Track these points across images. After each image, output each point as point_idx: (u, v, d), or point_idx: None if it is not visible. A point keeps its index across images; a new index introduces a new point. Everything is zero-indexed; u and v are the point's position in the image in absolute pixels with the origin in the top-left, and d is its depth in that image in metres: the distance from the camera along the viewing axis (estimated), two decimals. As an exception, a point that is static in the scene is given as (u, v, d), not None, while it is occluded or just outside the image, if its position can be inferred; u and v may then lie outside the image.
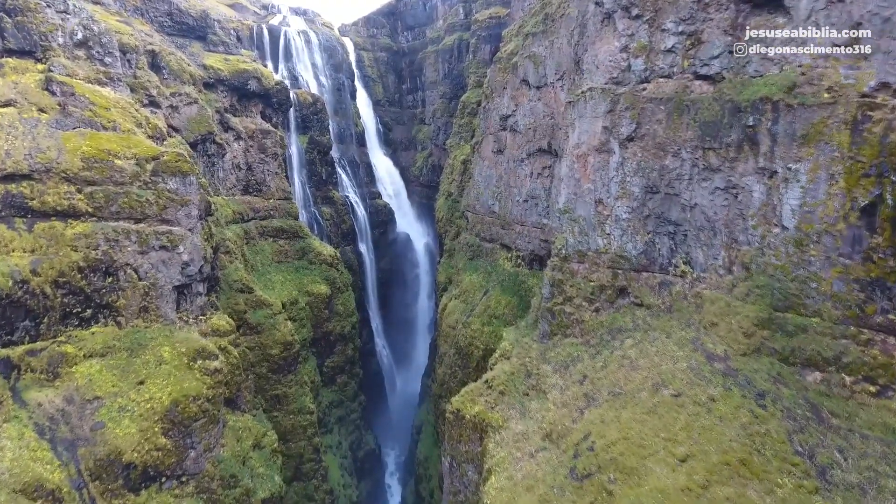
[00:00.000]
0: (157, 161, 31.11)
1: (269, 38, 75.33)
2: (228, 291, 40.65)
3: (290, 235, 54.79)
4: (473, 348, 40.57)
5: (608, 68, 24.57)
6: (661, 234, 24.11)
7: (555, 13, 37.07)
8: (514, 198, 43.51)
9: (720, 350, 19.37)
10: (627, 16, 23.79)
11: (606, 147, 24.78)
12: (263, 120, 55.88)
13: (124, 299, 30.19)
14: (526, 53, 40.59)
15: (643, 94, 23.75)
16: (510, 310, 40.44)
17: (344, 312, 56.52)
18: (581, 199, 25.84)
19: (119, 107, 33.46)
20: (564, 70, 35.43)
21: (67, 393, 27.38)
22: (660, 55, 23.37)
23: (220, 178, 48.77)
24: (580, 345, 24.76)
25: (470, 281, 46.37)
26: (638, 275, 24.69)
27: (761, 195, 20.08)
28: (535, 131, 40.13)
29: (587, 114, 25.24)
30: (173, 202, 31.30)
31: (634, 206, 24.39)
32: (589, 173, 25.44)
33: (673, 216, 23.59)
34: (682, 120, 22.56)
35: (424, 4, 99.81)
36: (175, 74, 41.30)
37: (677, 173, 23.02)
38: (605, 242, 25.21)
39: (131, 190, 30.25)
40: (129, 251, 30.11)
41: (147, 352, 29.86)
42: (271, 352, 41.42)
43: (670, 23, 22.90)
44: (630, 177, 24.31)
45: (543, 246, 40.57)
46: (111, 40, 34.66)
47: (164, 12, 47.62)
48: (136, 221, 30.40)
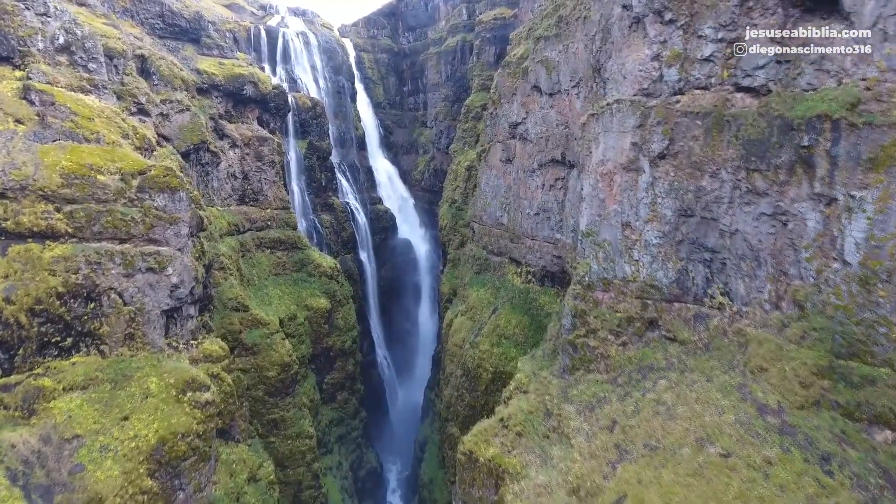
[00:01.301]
0: (143, 176, 28.81)
1: (267, 40, 73.03)
2: (222, 310, 38.36)
3: (288, 247, 52.47)
4: (482, 370, 38.29)
5: (637, 78, 22.30)
6: (696, 261, 21.88)
7: (569, 16, 34.76)
8: (524, 210, 41.22)
9: (773, 401, 17.11)
10: (659, 20, 21.52)
11: (635, 165, 22.52)
12: (260, 126, 53.54)
13: (108, 326, 27.90)
14: (537, 58, 38.29)
15: (677, 108, 21.50)
16: (521, 330, 38.18)
17: (344, 326, 54.23)
18: (606, 221, 23.57)
19: (104, 116, 31.15)
20: (581, 77, 33.14)
21: (44, 432, 25.07)
22: (696, 64, 21.12)
23: (214, 188, 46.47)
24: (606, 383, 22.50)
25: (477, 297, 44.09)
26: (669, 305, 22.45)
27: (817, 225, 17.83)
28: (547, 141, 37.84)
29: (613, 128, 22.96)
30: (161, 220, 28.99)
31: (666, 230, 22.15)
32: (615, 193, 23.18)
33: (709, 242, 21.36)
34: (723, 137, 20.31)
35: (426, 5, 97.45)
36: (166, 80, 38.95)
37: (716, 196, 20.77)
38: (632, 270, 22.96)
39: (115, 208, 27.94)
40: (113, 274, 27.80)
41: (132, 383, 27.56)
42: (268, 374, 39.15)
43: (708, 28, 20.64)
44: (661, 198, 22.06)
45: (556, 262, 38.31)
46: (95, 45, 32.35)
47: (155, 14, 45.24)
48: (120, 242, 28.10)
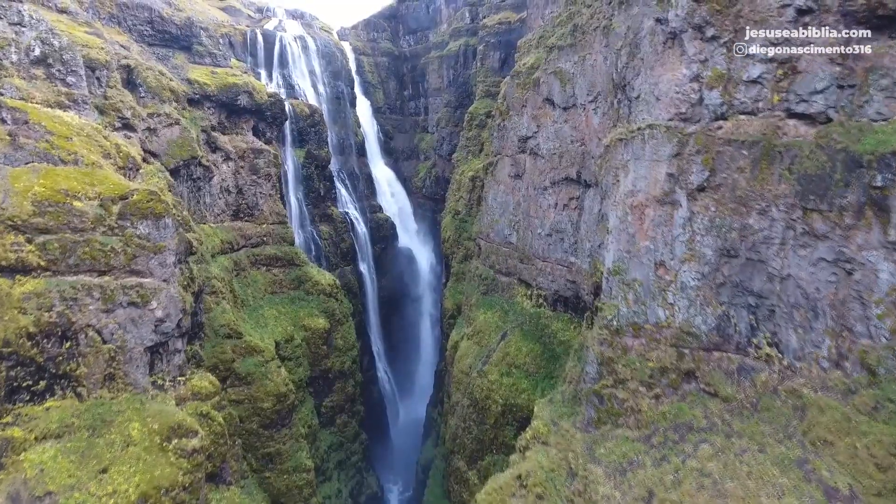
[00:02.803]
0: (125, 201, 26.37)
1: (264, 45, 70.64)
2: (214, 338, 35.92)
3: (284, 263, 50.05)
4: (491, 402, 35.91)
5: (673, 101, 19.92)
6: (739, 306, 19.52)
7: (586, 25, 32.38)
8: (534, 230, 38.85)
9: (843, 484, 14.75)
10: (700, 37, 19.14)
11: (670, 198, 20.15)
12: (256, 136, 51.11)
13: (85, 367, 25.44)
14: (550, 69, 35.91)
15: (719, 135, 19.14)
16: (532, 359, 35.81)
17: (344, 346, 51.81)
18: (636, 259, 21.19)
19: (83, 134, 28.71)
20: (599, 91, 30.78)
21: (13, 489, 22.63)
22: (741, 86, 18.75)
23: (206, 203, 44.03)
24: (638, 441, 20.13)
25: (484, 320, 41.70)
26: (708, 355, 20.08)
27: (891, 277, 15.47)
28: (560, 157, 35.47)
29: (645, 156, 20.59)
30: (144, 250, 26.57)
31: (705, 271, 19.78)
32: (647, 229, 20.80)
33: (755, 286, 18.99)
34: (773, 170, 17.94)
35: (427, 7, 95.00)
36: (153, 92, 36.48)
37: (764, 235, 18.41)
38: (667, 314, 20.58)
39: (93, 237, 25.50)
40: (91, 310, 25.37)
41: (112, 430, 25.11)
42: (263, 405, 36.71)
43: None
44: (701, 235, 19.69)
45: (570, 287, 35.94)
46: (75, 56, 29.89)
47: (143, 20, 42.76)
48: (99, 274, 25.66)
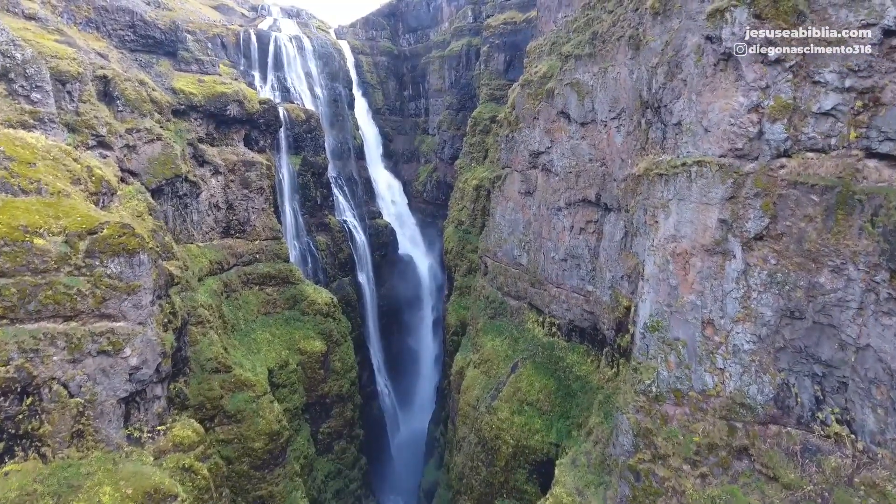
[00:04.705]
0: (93, 237, 23.39)
1: (258, 46, 67.31)
2: (200, 374, 33.05)
3: (279, 282, 47.11)
4: (501, 443, 33.13)
5: (727, 134, 16.97)
6: (802, 374, 16.70)
7: (607, 33, 29.36)
8: (547, 252, 35.94)
9: None
10: (761, 60, 16.17)
11: (722, 247, 17.25)
12: (248, 146, 48.00)
13: (50, 425, 22.58)
14: (566, 80, 32.87)
15: (782, 175, 16.22)
16: (546, 395, 33.01)
17: (342, 369, 48.98)
18: (679, 315, 18.32)
19: (49, 158, 25.71)
20: (623, 107, 27.81)
21: (-38, 572, 19.93)
22: (810, 119, 15.81)
23: (194, 221, 41.02)
24: (682, 530, 17.35)
25: (492, 347, 38.85)
26: (764, 429, 17.28)
27: None
28: (577, 177, 32.51)
29: (692, 197, 17.67)
30: (116, 291, 23.63)
31: (763, 333, 16.92)
32: (692, 281, 17.92)
33: (823, 354, 16.15)
34: (851, 221, 15.05)
35: (428, 5, 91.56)
36: (133, 105, 33.39)
37: (838, 297, 15.53)
38: (715, 381, 17.74)
39: (57, 279, 22.55)
40: (56, 361, 22.47)
41: (80, 496, 22.23)
42: (254, 445, 33.90)
43: (831, 73, 15.32)
44: (758, 292, 16.82)
45: (587, 317, 33.08)
46: (40, 69, 26.82)
47: (124, 24, 39.56)
48: (64, 321, 22.73)
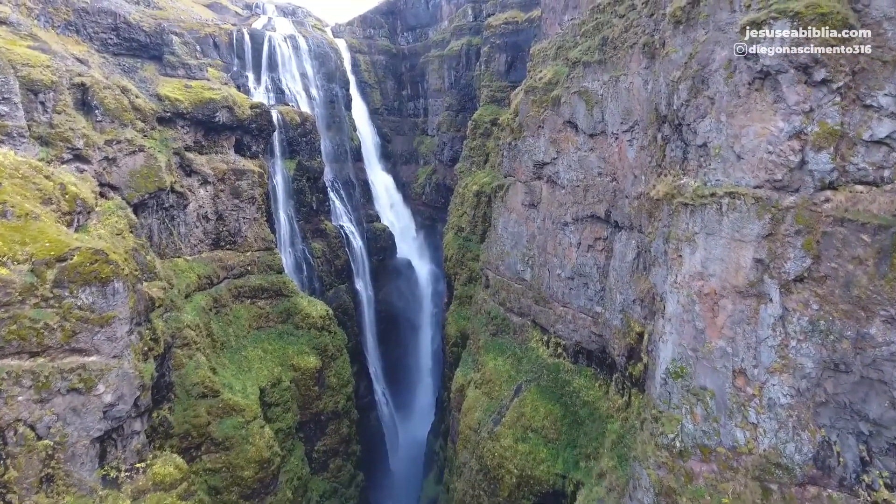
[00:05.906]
0: (62, 265, 21.48)
1: (252, 46, 65.22)
2: (186, 399, 31.21)
3: (271, 294, 45.25)
4: (504, 472, 31.38)
5: (764, 163, 15.08)
6: (846, 432, 14.90)
7: (618, 39, 27.39)
8: (553, 269, 34.07)
9: None
10: (805, 80, 14.26)
11: (756, 289, 15.39)
12: (239, 152, 45.97)
13: (16, 470, 20.73)
14: (574, 88, 30.91)
15: (826, 210, 14.35)
16: (552, 422, 31.21)
17: (338, 384, 47.20)
18: (706, 361, 16.47)
19: (17, 176, 23.77)
20: (636, 120, 25.88)
21: None
22: (860, 148, 13.94)
23: (181, 234, 39.08)
24: None
25: (495, 367, 37.03)
26: (802, 490, 15.47)
27: None
28: (585, 191, 30.61)
29: (723, 232, 15.79)
30: (87, 323, 21.75)
31: (802, 386, 15.10)
32: (721, 325, 16.07)
33: (872, 412, 14.35)
34: (909, 266, 13.18)
35: (427, 2, 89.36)
36: (113, 115, 31.38)
37: (891, 351, 13.71)
38: (747, 436, 15.92)
39: (22, 313, 20.66)
40: (21, 402, 20.61)
41: (48, 548, 20.60)
42: (243, 474, 32.12)
43: (885, 97, 13.45)
44: (797, 341, 14.99)
45: (595, 339, 31.26)
46: (7, 80, 24.84)
47: (107, 27, 37.45)
48: (30, 357, 20.87)
